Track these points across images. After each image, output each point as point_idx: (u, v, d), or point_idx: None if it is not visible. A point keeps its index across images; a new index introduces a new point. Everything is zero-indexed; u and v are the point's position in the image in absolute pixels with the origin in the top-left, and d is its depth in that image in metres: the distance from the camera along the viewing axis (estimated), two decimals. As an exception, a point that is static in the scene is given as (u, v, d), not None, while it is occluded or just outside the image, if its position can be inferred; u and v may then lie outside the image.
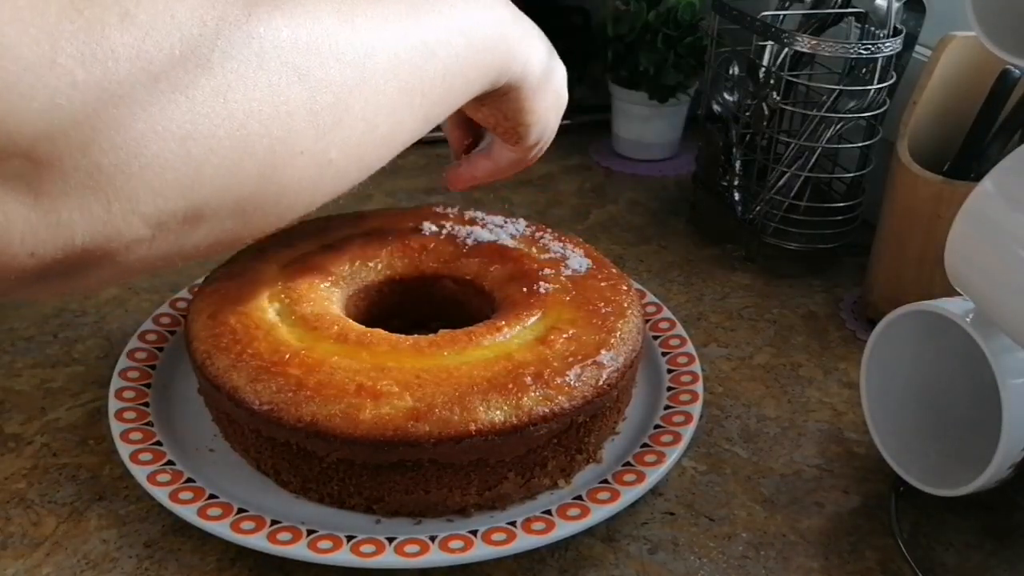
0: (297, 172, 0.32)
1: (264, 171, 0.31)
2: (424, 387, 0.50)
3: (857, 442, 0.61)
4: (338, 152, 0.34)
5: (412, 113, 0.38)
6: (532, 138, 0.52)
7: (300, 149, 0.31)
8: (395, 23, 0.36)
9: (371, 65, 0.34)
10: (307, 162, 0.32)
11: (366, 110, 0.34)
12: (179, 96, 0.27)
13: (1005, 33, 0.44)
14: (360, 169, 0.36)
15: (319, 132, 0.32)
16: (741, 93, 0.82)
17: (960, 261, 0.49)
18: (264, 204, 0.32)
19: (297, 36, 0.31)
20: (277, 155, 0.31)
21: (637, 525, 0.54)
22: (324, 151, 0.33)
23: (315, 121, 0.32)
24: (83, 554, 0.51)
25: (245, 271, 0.60)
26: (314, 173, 0.33)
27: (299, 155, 0.32)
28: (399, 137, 0.38)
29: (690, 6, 0.92)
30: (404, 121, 0.37)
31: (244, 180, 0.30)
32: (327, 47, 0.32)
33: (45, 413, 0.61)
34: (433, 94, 0.39)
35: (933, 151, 0.69)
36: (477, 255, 0.64)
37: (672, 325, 0.67)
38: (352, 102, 0.33)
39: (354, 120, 0.34)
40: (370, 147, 0.36)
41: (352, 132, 0.34)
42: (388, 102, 0.35)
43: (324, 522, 0.50)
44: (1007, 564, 0.52)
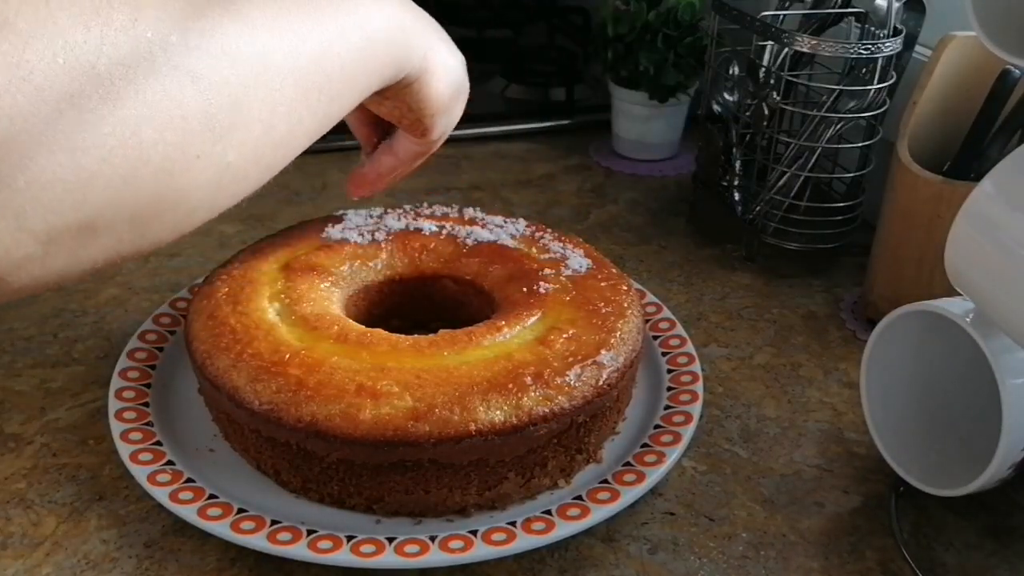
0: (195, 177, 0.31)
1: (160, 178, 0.30)
2: (424, 387, 0.50)
3: (857, 442, 0.61)
4: (236, 155, 0.33)
5: (311, 111, 0.37)
6: (438, 129, 0.52)
7: (196, 153, 0.31)
8: (291, 20, 0.35)
9: (267, 64, 0.33)
10: (205, 166, 0.31)
11: (263, 111, 0.34)
12: (65, 106, 0.26)
13: (1005, 33, 0.44)
14: (260, 171, 0.36)
15: (216, 135, 0.31)
16: (741, 93, 0.82)
17: (960, 261, 0.49)
18: (162, 212, 0.31)
19: (188, 38, 0.30)
20: (173, 161, 0.30)
21: (637, 525, 0.54)
22: (222, 154, 0.32)
23: (211, 124, 0.31)
24: (83, 554, 0.50)
25: (245, 271, 0.60)
26: (213, 177, 0.32)
27: (196, 160, 0.31)
28: (298, 136, 0.37)
29: (690, 6, 0.92)
30: (303, 120, 0.37)
31: (140, 189, 0.29)
32: (221, 48, 0.31)
33: (45, 413, 0.61)
34: (332, 90, 0.38)
35: (933, 151, 0.69)
36: (477, 255, 0.64)
37: (672, 325, 0.67)
38: (249, 103, 0.33)
39: (251, 121, 0.33)
40: (269, 148, 0.35)
41: (250, 134, 0.33)
42: (286, 101, 0.35)
43: (324, 522, 0.50)
44: (1007, 564, 0.52)
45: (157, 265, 0.77)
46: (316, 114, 0.38)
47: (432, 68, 0.47)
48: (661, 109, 0.97)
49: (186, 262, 0.78)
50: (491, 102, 1.12)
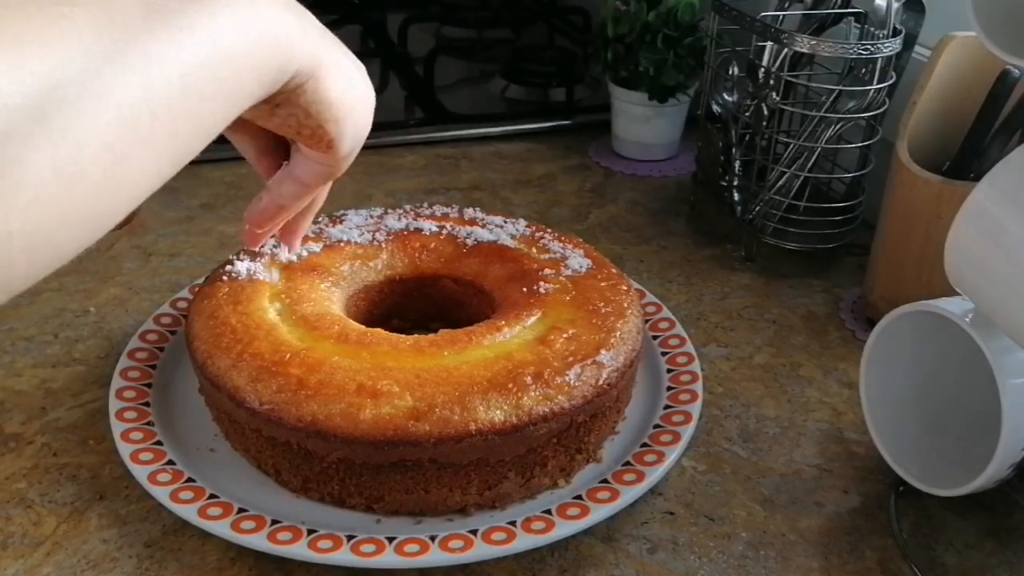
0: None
1: None
2: (424, 387, 0.50)
3: (857, 442, 0.61)
4: (24, 219, 0.26)
5: (142, 143, 0.30)
6: (345, 141, 0.45)
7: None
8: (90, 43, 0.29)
9: (53, 102, 0.27)
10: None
11: (57, 160, 0.27)
12: None
13: (1005, 33, 0.44)
14: (78, 226, 0.29)
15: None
16: (741, 93, 0.82)
17: (960, 261, 0.49)
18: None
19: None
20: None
21: (637, 525, 0.54)
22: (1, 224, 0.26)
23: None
24: (83, 554, 0.51)
25: (245, 271, 0.60)
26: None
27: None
28: (131, 174, 0.31)
29: (690, 6, 0.92)
30: (130, 156, 0.30)
31: None
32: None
33: (45, 413, 0.61)
34: (173, 113, 0.31)
35: (933, 151, 0.69)
36: (477, 255, 0.64)
37: (672, 325, 0.67)
38: (31, 155, 0.26)
39: (40, 175, 0.27)
40: (79, 201, 0.28)
41: (39, 191, 0.27)
42: (94, 139, 0.28)
43: (324, 521, 0.50)
44: (1007, 564, 0.52)
45: (158, 265, 0.77)
46: (156, 145, 0.31)
47: (325, 64, 0.41)
48: (661, 109, 0.97)
49: (187, 262, 0.78)
50: (491, 102, 1.13)
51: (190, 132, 0.33)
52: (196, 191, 0.89)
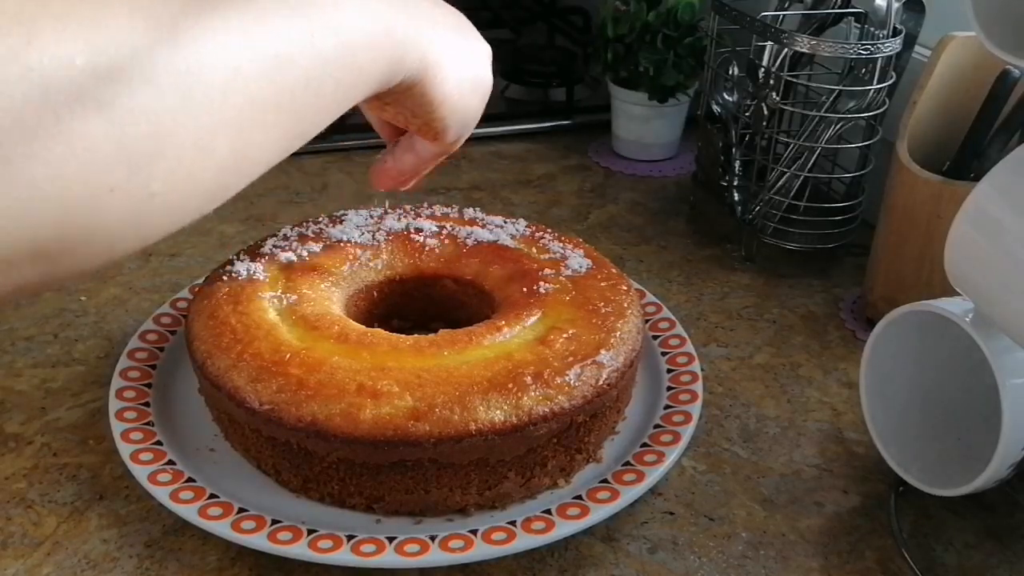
0: (109, 212, 0.28)
1: (63, 215, 0.27)
2: (424, 387, 0.50)
3: (857, 442, 0.61)
4: (163, 184, 0.30)
5: (267, 130, 0.34)
6: (451, 132, 0.48)
7: (109, 187, 0.28)
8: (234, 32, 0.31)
9: (200, 84, 0.30)
10: (121, 199, 0.28)
11: (198, 135, 0.30)
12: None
13: (1005, 33, 0.44)
14: (200, 198, 0.32)
15: (133, 166, 0.28)
16: (741, 93, 0.82)
17: (960, 261, 0.49)
18: (72, 247, 0.28)
19: (94, 63, 0.27)
20: (77, 196, 0.27)
21: (637, 525, 0.54)
22: (143, 185, 0.29)
23: (126, 155, 0.28)
24: (83, 554, 0.51)
25: (245, 271, 0.60)
26: (132, 210, 0.29)
27: (108, 194, 0.28)
28: (253, 158, 0.34)
29: (690, 6, 0.92)
30: (256, 140, 0.33)
31: (36, 227, 0.27)
32: (135, 71, 0.28)
33: (45, 413, 0.61)
34: (295, 105, 0.34)
35: (933, 151, 0.69)
36: (477, 255, 0.64)
37: (672, 325, 0.67)
38: (177, 129, 0.29)
39: (181, 148, 0.30)
40: (209, 173, 0.32)
41: (180, 161, 0.30)
42: (229, 122, 0.31)
43: (324, 521, 0.50)
44: (1007, 564, 0.52)
45: (158, 265, 0.77)
46: (276, 132, 0.34)
47: (435, 67, 0.43)
48: (661, 109, 0.97)
49: (187, 262, 0.78)
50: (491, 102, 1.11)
51: (305, 122, 0.36)
52: (196, 191, 0.89)
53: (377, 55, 0.39)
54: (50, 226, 0.27)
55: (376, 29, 0.38)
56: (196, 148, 0.30)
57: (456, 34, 0.45)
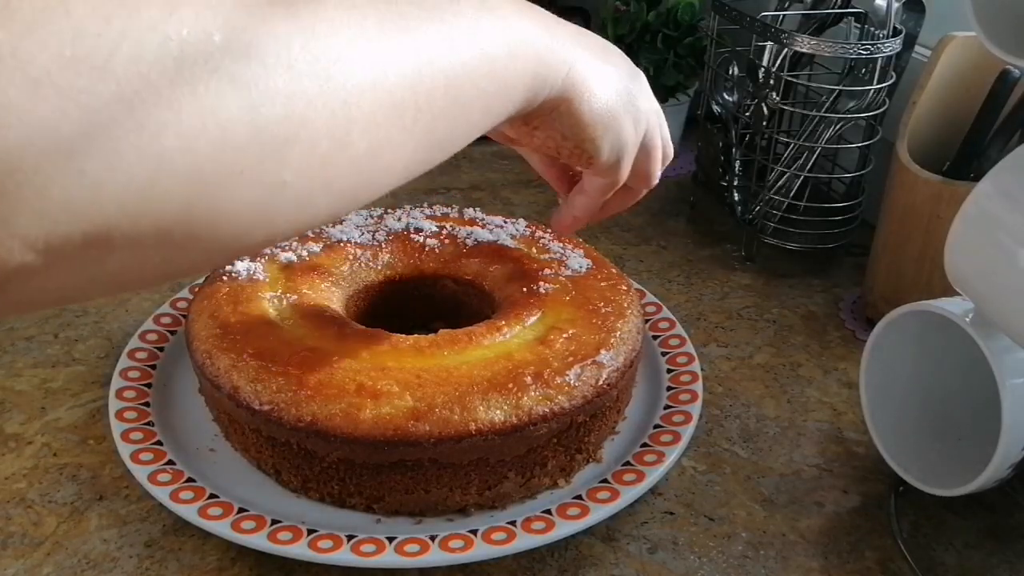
0: (238, 195, 0.28)
1: (189, 193, 0.26)
2: (424, 387, 0.50)
3: (857, 442, 0.61)
4: (295, 174, 0.29)
5: (405, 131, 0.33)
6: (605, 154, 0.46)
7: (240, 168, 0.27)
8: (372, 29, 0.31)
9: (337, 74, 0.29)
10: (250, 184, 0.28)
11: (333, 126, 0.29)
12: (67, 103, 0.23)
13: (1005, 33, 0.44)
14: (332, 196, 0.31)
15: (265, 149, 0.28)
16: (741, 93, 0.82)
17: (960, 261, 0.49)
18: (198, 231, 0.28)
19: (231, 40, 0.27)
20: (206, 174, 0.26)
21: (637, 525, 0.54)
22: (274, 171, 0.28)
23: (258, 136, 0.27)
24: (83, 554, 0.51)
25: (245, 271, 0.60)
26: (262, 197, 0.28)
27: (239, 176, 0.27)
28: (388, 158, 0.33)
29: (690, 7, 0.92)
30: (393, 139, 0.32)
31: (163, 203, 0.26)
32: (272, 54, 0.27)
33: (45, 413, 0.61)
34: (433, 108, 0.34)
35: (933, 151, 0.69)
36: (477, 255, 0.64)
37: (672, 325, 0.67)
38: (311, 115, 0.29)
39: (315, 136, 0.29)
40: (343, 168, 0.31)
41: (313, 150, 0.29)
42: (365, 116, 0.31)
43: (324, 521, 0.50)
44: (1007, 564, 0.52)
45: (157, 265, 0.77)
46: (414, 135, 0.33)
47: (581, 85, 0.42)
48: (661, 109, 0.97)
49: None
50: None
51: (445, 132, 0.35)
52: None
53: (520, 67, 0.38)
54: (177, 204, 0.26)
55: (518, 41, 0.38)
56: (331, 139, 0.30)
57: (602, 54, 0.45)
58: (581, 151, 0.45)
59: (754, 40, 0.77)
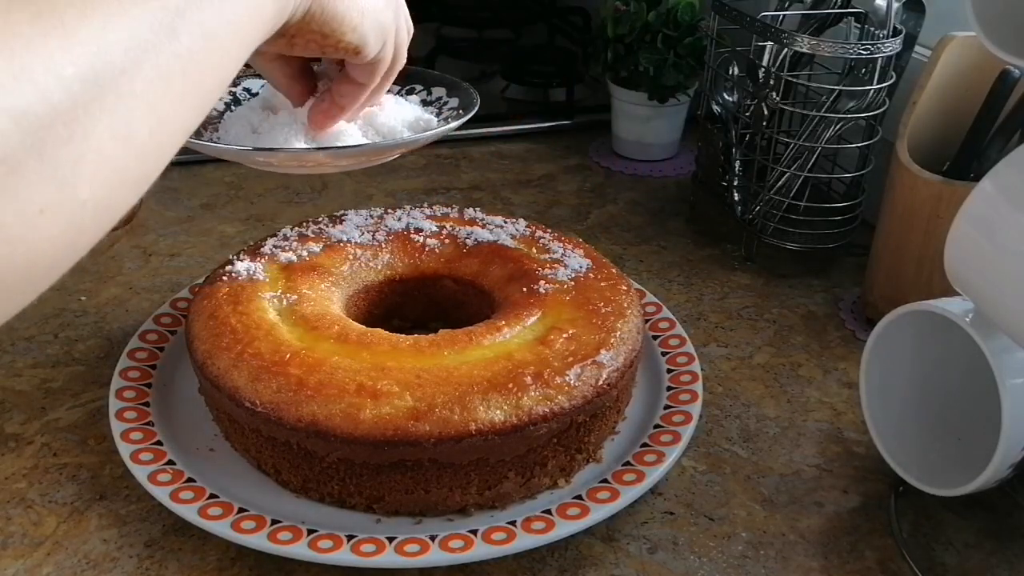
0: (44, 233, 0.26)
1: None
2: (424, 387, 0.50)
3: (857, 442, 0.61)
4: (91, 186, 0.27)
5: (178, 100, 0.31)
6: (371, 41, 0.45)
7: (39, 208, 0.25)
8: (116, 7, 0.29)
9: (105, 69, 0.28)
10: (55, 217, 0.26)
11: (115, 124, 0.28)
12: None
13: (1005, 33, 0.44)
14: (129, 190, 0.30)
15: (60, 177, 0.26)
16: (741, 93, 0.82)
17: (960, 261, 0.49)
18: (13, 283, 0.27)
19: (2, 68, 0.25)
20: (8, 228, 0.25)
21: (637, 525, 0.54)
22: (72, 195, 0.27)
23: (47, 167, 0.25)
24: (84, 554, 0.51)
25: (245, 271, 0.60)
26: (67, 222, 0.27)
27: (39, 216, 0.25)
28: (171, 129, 0.32)
29: (690, 6, 0.92)
30: (171, 112, 0.31)
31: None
32: (38, 69, 0.25)
33: (45, 413, 0.61)
34: (199, 66, 0.32)
35: (933, 151, 0.69)
36: (477, 255, 0.64)
37: (672, 325, 0.67)
38: (92, 127, 0.27)
39: (101, 143, 0.27)
40: (133, 161, 0.29)
41: (103, 157, 0.28)
42: (142, 102, 0.29)
43: (324, 521, 0.50)
44: (1007, 564, 0.52)
45: (158, 265, 0.77)
46: (187, 99, 0.32)
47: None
48: (661, 109, 0.97)
49: (187, 262, 0.78)
50: (491, 102, 1.12)
51: (212, 81, 0.34)
52: (196, 191, 0.89)
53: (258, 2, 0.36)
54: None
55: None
56: (115, 139, 0.28)
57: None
58: (344, 45, 0.45)
59: (754, 40, 0.77)
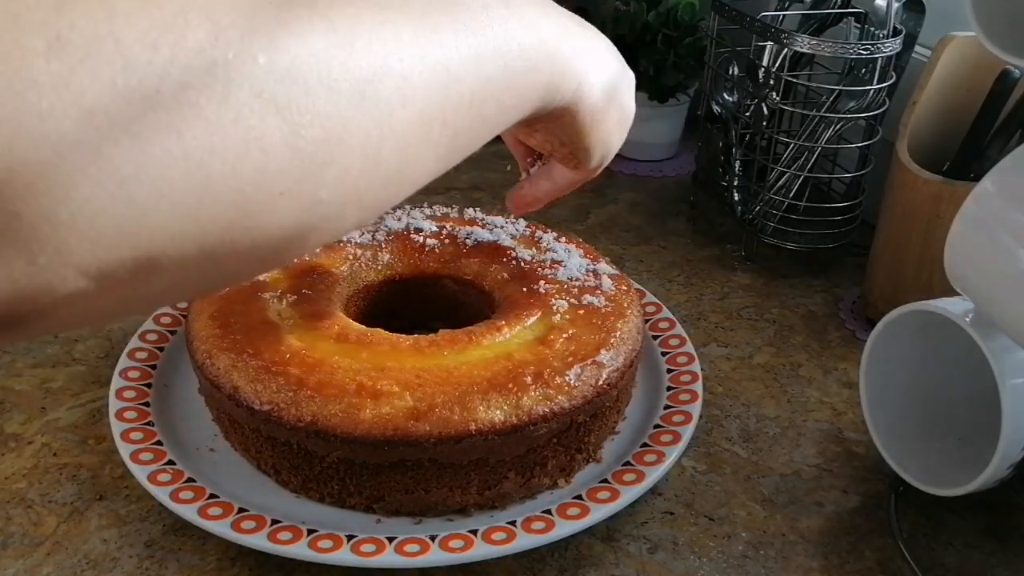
0: (278, 216, 0.28)
1: (232, 216, 0.27)
2: (424, 387, 0.50)
3: (857, 442, 0.61)
4: (330, 192, 0.29)
5: (430, 145, 0.33)
6: (594, 161, 0.48)
7: (280, 190, 0.27)
8: (407, 44, 0.31)
9: (373, 93, 0.29)
10: (290, 204, 0.28)
11: (367, 144, 0.30)
12: (119, 134, 0.23)
13: (1005, 33, 0.44)
14: (362, 210, 0.32)
15: (305, 171, 0.28)
16: (741, 93, 0.82)
17: (960, 261, 0.49)
18: (239, 250, 0.28)
19: (275, 62, 0.26)
20: (248, 197, 0.27)
21: (637, 524, 0.54)
22: (312, 192, 0.29)
23: (299, 159, 0.27)
24: (84, 554, 0.51)
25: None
26: (300, 216, 0.29)
27: (278, 197, 0.27)
28: (414, 171, 0.33)
29: (690, 7, 0.92)
30: (420, 155, 0.33)
31: (207, 226, 0.26)
32: (314, 74, 0.27)
33: (45, 413, 0.61)
34: (457, 123, 0.34)
35: (933, 151, 0.69)
36: (477, 255, 0.64)
37: (672, 325, 0.67)
38: (347, 136, 0.29)
39: (350, 156, 0.29)
40: (374, 184, 0.31)
41: (348, 170, 0.29)
42: (396, 134, 0.31)
43: (324, 521, 0.50)
44: (1007, 564, 0.52)
45: (157, 265, 0.77)
46: (437, 149, 0.33)
47: (586, 99, 0.42)
48: (661, 109, 0.97)
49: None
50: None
51: (465, 142, 0.35)
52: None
53: (537, 79, 0.38)
54: (220, 227, 0.27)
55: (538, 50, 0.37)
56: (364, 158, 0.30)
57: (610, 62, 0.45)
58: (573, 156, 0.47)
59: (754, 40, 0.77)
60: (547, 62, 0.38)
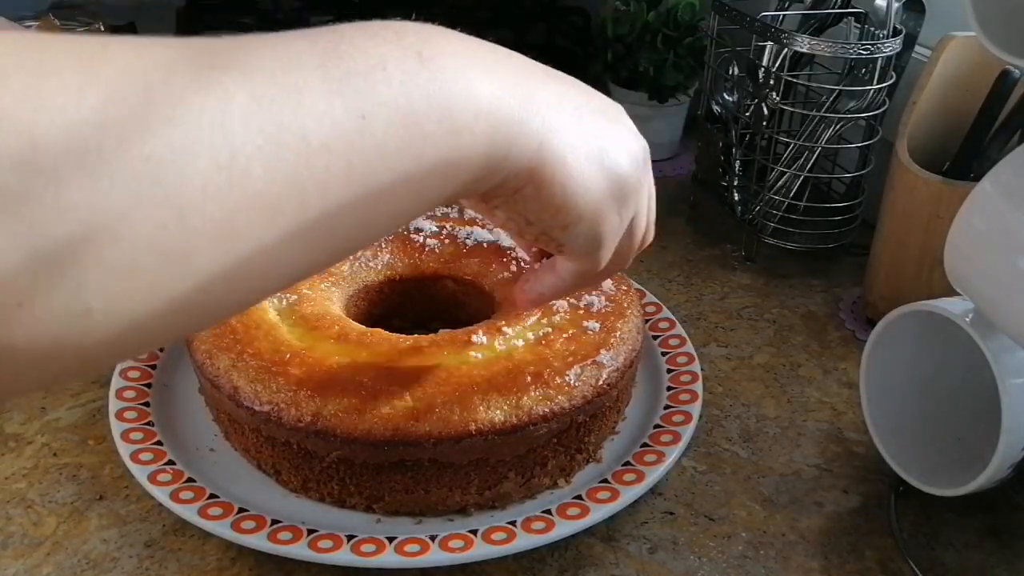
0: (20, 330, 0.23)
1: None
2: (424, 387, 0.50)
3: (857, 442, 0.61)
4: (103, 300, 0.23)
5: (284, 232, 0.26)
6: (579, 244, 0.38)
7: (17, 301, 0.22)
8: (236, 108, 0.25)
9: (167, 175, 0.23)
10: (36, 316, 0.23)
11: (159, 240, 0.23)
12: None
13: (1005, 33, 0.44)
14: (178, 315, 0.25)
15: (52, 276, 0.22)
16: (741, 93, 0.82)
17: (960, 261, 0.49)
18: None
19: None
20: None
21: (637, 525, 0.54)
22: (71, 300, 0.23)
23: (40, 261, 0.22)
24: (84, 554, 0.51)
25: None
26: (58, 329, 0.23)
27: (17, 308, 0.22)
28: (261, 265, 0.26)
29: (690, 6, 0.92)
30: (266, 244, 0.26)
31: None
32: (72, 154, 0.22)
33: (45, 413, 0.61)
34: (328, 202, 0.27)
35: (933, 151, 0.69)
36: (477, 255, 0.64)
37: (672, 325, 0.67)
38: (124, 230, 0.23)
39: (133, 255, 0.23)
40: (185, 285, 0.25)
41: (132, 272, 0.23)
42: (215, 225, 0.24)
43: (324, 521, 0.50)
44: (1007, 564, 0.52)
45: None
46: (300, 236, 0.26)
47: (551, 165, 0.34)
48: (661, 109, 0.97)
49: None
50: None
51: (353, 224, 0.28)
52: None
53: (466, 143, 0.30)
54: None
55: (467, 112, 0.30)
56: (159, 256, 0.24)
57: (594, 119, 0.36)
58: (549, 238, 0.37)
59: (754, 40, 0.77)
60: (483, 122, 0.31)
